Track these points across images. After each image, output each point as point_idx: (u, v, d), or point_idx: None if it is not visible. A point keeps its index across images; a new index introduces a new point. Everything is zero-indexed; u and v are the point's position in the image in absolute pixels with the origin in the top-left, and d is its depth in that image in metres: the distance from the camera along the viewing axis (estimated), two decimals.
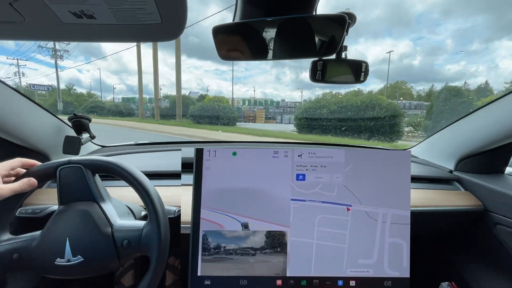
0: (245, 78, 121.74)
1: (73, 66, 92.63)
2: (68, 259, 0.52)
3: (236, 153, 0.63)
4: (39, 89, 35.02)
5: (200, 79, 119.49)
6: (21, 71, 36.73)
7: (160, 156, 1.20)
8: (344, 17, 0.51)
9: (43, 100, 32.98)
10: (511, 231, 0.82)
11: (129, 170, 0.58)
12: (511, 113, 0.81)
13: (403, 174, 0.64)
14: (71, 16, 0.39)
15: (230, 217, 0.62)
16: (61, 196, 0.57)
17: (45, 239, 0.55)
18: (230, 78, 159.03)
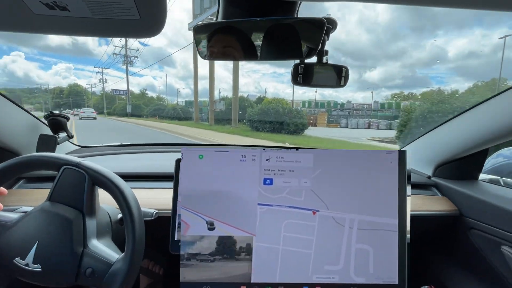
0: None
1: (137, 71, 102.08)
2: (27, 263, 0.50)
3: (202, 156, 0.62)
4: (119, 94, 40.81)
5: (258, 83, 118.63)
6: (105, 78, 43.57)
7: (147, 158, 1.18)
8: (323, 21, 0.52)
9: (123, 102, 34.52)
10: (484, 235, 0.85)
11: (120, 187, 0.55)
12: (484, 121, 0.84)
13: (386, 177, 0.63)
14: (43, 7, 0.38)
15: (197, 216, 0.61)
16: (52, 193, 0.56)
17: (16, 233, 0.53)
18: (287, 80, 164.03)
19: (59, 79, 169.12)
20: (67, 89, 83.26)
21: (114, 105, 41.76)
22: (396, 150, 0.64)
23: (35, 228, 0.53)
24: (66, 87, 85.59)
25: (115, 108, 39.22)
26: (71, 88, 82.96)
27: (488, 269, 0.86)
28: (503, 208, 0.79)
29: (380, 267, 0.61)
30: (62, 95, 79.56)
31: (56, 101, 77.82)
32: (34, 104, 63.18)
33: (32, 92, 74.51)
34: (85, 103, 73.91)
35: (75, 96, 78.13)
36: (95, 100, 64.86)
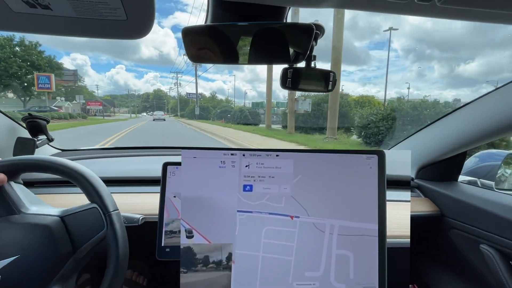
0: (376, 77, 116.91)
1: (209, 77, 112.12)
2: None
3: (181, 163, 0.61)
4: (192, 97, 42.82)
5: None
6: (180, 82, 49.55)
7: (132, 161, 1.15)
8: (312, 26, 0.53)
9: (194, 103, 33.96)
10: (464, 235, 0.88)
11: (77, 169, 0.55)
12: (463, 125, 0.88)
13: (365, 182, 0.63)
14: (23, 5, 0.36)
15: (180, 223, 0.60)
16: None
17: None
18: (358, 78, 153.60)
19: (148, 86, 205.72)
20: (152, 94, 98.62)
21: (187, 107, 43.95)
22: (375, 155, 0.64)
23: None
24: (151, 92, 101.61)
25: (187, 110, 41.08)
26: (155, 93, 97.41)
27: (468, 268, 0.90)
28: (481, 208, 0.82)
29: (360, 273, 0.61)
30: (148, 99, 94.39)
31: (144, 104, 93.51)
32: (129, 107, 76.70)
33: (129, 97, 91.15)
34: (165, 106, 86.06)
35: (158, 100, 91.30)
36: (173, 103, 71.60)
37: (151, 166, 1.03)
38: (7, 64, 25.12)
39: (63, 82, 35.30)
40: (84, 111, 37.93)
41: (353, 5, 0.43)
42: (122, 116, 47.34)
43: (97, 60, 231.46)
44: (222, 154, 0.61)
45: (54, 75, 26.04)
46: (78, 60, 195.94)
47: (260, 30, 0.55)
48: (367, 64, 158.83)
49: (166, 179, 0.73)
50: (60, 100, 34.10)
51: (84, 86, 57.33)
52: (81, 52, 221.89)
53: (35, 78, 24.65)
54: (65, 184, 0.92)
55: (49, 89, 25.34)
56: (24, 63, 26.22)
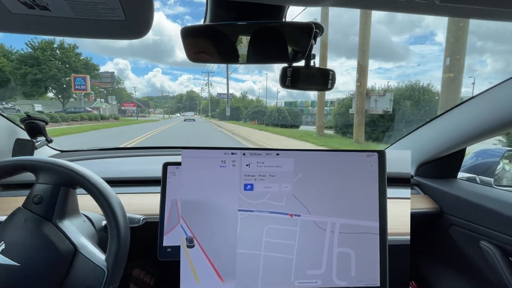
0: (415, 74, 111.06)
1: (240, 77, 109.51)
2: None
3: (181, 163, 0.60)
4: (223, 97, 43.96)
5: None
6: (211, 83, 51.50)
7: (132, 162, 1.14)
8: (311, 25, 0.53)
9: (225, 104, 33.11)
10: (464, 232, 0.88)
11: (86, 175, 0.54)
12: (462, 122, 0.88)
13: (366, 180, 0.63)
14: (21, 6, 0.36)
15: (180, 228, 0.60)
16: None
17: None
18: (395, 76, 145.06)
19: (182, 87, 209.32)
20: (185, 95, 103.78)
21: (218, 107, 43.27)
22: (375, 153, 0.64)
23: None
24: (184, 94, 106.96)
25: (217, 110, 39.97)
26: (188, 94, 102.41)
27: (468, 264, 0.90)
28: (480, 205, 0.82)
29: (362, 270, 0.61)
30: (182, 100, 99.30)
31: (177, 105, 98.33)
32: (164, 108, 79.87)
33: (164, 99, 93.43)
34: (197, 106, 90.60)
35: (190, 101, 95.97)
36: (204, 103, 73.88)
37: (151, 166, 1.03)
38: (47, 66, 25.55)
39: (101, 84, 35.75)
40: (120, 112, 38.26)
41: (352, 4, 0.43)
42: (155, 117, 47.25)
43: (137, 64, 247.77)
44: (222, 153, 0.61)
45: (89, 77, 26.29)
46: (120, 64, 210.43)
47: (259, 29, 0.55)
48: (406, 60, 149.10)
49: (167, 179, 0.73)
50: (99, 101, 34.49)
51: (123, 89, 60.42)
52: (123, 57, 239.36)
53: (72, 79, 24.97)
54: None
55: (84, 90, 25.54)
56: (63, 65, 26.74)
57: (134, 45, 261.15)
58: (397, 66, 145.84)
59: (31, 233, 0.51)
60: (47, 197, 0.54)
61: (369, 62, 7.97)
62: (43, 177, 0.54)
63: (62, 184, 0.55)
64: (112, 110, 33.25)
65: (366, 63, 8.11)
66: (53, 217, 0.53)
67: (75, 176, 0.54)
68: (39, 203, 0.53)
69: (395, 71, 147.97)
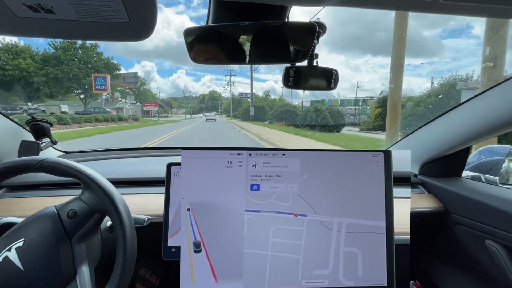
0: (449, 70, 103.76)
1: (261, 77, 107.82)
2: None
3: (187, 164, 0.60)
4: (245, 97, 45.72)
5: (386, 78, 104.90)
6: (233, 81, 52.86)
7: (136, 162, 1.15)
8: (314, 25, 0.53)
9: (248, 104, 32.24)
10: (469, 231, 0.88)
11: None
12: (467, 120, 0.88)
13: (372, 180, 0.63)
14: (26, 10, 0.36)
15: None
16: None
17: None
18: (426, 73, 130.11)
19: (205, 88, 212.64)
20: (207, 95, 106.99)
21: (240, 107, 42.60)
22: (381, 153, 0.64)
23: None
24: (207, 94, 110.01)
25: (239, 110, 38.64)
26: (210, 94, 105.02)
27: (473, 263, 0.90)
28: (486, 204, 0.82)
29: (369, 270, 0.61)
30: (204, 100, 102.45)
31: (200, 105, 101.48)
32: (187, 108, 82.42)
33: (187, 99, 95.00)
34: (219, 106, 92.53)
35: (212, 101, 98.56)
36: (226, 103, 74.22)
37: (155, 166, 1.03)
38: (68, 66, 25.40)
39: (124, 85, 35.63)
40: (143, 112, 38.17)
41: (355, 3, 0.43)
42: (177, 117, 46.60)
43: (162, 66, 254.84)
44: (228, 154, 0.61)
45: (110, 76, 26.07)
46: (146, 67, 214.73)
47: (261, 29, 0.55)
48: (438, 55, 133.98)
49: (170, 179, 0.73)
50: (123, 101, 34.20)
51: (148, 89, 61.48)
52: (149, 59, 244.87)
53: (92, 79, 24.64)
54: (70, 186, 0.92)
55: (105, 90, 25.28)
56: (84, 65, 26.51)
57: (159, 48, 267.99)
58: (428, 62, 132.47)
59: (49, 245, 0.51)
60: (80, 216, 0.54)
61: None
62: (88, 197, 0.55)
63: (98, 211, 0.55)
64: (135, 110, 33.02)
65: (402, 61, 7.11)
66: (74, 237, 0.53)
67: (110, 206, 0.54)
68: (72, 218, 0.53)
69: (425, 67, 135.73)
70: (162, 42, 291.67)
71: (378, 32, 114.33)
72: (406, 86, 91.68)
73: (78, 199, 0.55)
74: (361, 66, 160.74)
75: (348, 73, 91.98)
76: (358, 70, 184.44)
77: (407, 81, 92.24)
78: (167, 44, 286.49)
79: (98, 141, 9.63)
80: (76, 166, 0.55)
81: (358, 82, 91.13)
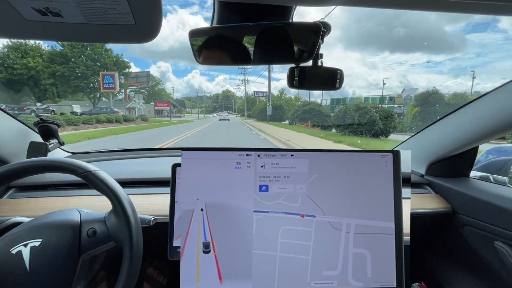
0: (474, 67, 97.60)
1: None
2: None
3: (197, 164, 0.61)
4: (260, 96, 45.19)
5: (404, 76, 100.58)
6: (247, 79, 53.78)
7: (142, 163, 1.16)
8: (319, 25, 0.53)
9: (263, 103, 30.70)
10: (478, 232, 0.86)
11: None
12: (475, 120, 0.86)
13: (381, 181, 0.63)
14: (34, 13, 0.37)
15: (196, 233, 0.60)
16: None
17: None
18: (448, 70, 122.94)
19: (219, 87, 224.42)
20: (221, 94, 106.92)
21: (254, 106, 41.21)
22: (390, 153, 0.64)
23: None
24: (221, 93, 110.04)
25: (254, 109, 36.66)
26: (224, 94, 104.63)
27: (482, 265, 0.88)
28: (495, 205, 0.80)
29: (378, 271, 0.61)
30: (218, 99, 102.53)
31: (213, 104, 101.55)
32: (201, 107, 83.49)
33: (202, 99, 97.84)
34: (233, 105, 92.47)
35: (226, 100, 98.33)
36: (240, 103, 74.13)
37: (162, 167, 1.04)
38: (76, 64, 24.42)
39: (137, 84, 34.87)
40: (156, 112, 37.52)
41: (360, 2, 0.42)
42: (190, 117, 45.21)
43: (177, 66, 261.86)
44: (237, 155, 0.61)
45: (117, 74, 24.91)
46: (162, 67, 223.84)
47: (266, 30, 0.55)
48: (461, 51, 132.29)
49: (176, 180, 0.74)
50: (133, 101, 32.89)
51: (163, 89, 61.08)
52: (165, 60, 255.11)
53: (100, 77, 23.56)
54: (78, 186, 0.93)
55: (113, 89, 24.22)
56: (92, 63, 25.41)
57: (174, 48, 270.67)
58: (450, 58, 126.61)
59: (60, 255, 0.52)
60: (98, 238, 0.54)
61: (416, 56, 7.05)
62: (112, 223, 0.55)
63: (115, 240, 0.54)
64: (148, 110, 32.05)
65: None
66: (83, 255, 0.53)
67: (127, 242, 0.53)
68: (90, 237, 0.54)
69: (447, 64, 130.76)
70: (177, 43, 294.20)
71: (397, 28, 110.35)
72: (426, 83, 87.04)
73: (102, 221, 0.55)
74: (378, 64, 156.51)
75: (365, 71, 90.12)
76: (375, 67, 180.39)
77: (427, 79, 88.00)
78: (182, 45, 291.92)
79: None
80: (117, 191, 0.54)
81: (384, 79, 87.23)
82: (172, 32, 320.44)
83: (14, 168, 0.53)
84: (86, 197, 0.88)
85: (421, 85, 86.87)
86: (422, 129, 1.09)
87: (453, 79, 75.37)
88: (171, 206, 0.73)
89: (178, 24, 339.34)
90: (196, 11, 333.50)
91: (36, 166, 0.54)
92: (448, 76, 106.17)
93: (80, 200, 0.87)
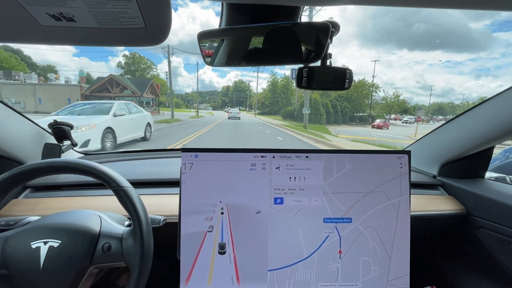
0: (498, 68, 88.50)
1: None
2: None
3: (209, 165, 0.61)
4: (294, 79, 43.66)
5: (421, 76, 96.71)
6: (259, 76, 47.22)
7: (152, 163, 1.18)
8: (328, 25, 0.52)
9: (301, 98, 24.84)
10: (493, 234, 0.84)
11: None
12: (490, 119, 0.84)
13: (398, 182, 0.62)
14: (49, 19, 0.38)
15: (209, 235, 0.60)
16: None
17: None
18: (469, 70, 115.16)
19: (230, 83, 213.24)
20: (232, 86, 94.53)
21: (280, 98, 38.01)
22: (405, 154, 0.63)
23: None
24: (231, 85, 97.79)
25: (284, 110, 31.61)
26: (235, 85, 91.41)
27: (497, 268, 0.86)
28: (511, 206, 0.78)
29: (395, 275, 0.61)
30: (228, 93, 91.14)
31: (223, 98, 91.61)
32: (211, 102, 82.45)
33: (212, 94, 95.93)
34: (247, 99, 79.58)
35: (238, 93, 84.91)
36: (260, 96, 57.75)
37: (172, 168, 1.05)
38: None
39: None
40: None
41: (367, 1, 0.42)
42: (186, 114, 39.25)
43: (188, 62, 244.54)
44: (252, 156, 0.61)
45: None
46: (174, 62, 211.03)
47: (274, 31, 0.55)
48: (485, 50, 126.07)
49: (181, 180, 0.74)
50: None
51: (157, 75, 51.45)
52: (176, 55, 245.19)
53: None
54: (92, 187, 0.95)
55: None
56: None
57: (184, 43, 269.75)
58: (472, 58, 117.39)
59: (72, 261, 0.52)
60: (111, 255, 0.54)
61: (436, 54, 7.05)
62: (128, 244, 0.54)
63: (126, 262, 0.55)
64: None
65: None
66: (92, 266, 0.54)
67: (137, 267, 0.53)
68: (104, 252, 0.54)
69: (468, 64, 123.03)
70: (187, 37, 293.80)
71: (416, 24, 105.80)
72: (445, 84, 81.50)
73: (119, 238, 0.55)
74: (394, 62, 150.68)
75: (380, 69, 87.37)
76: (390, 66, 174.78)
77: (446, 79, 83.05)
78: (192, 38, 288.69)
79: None
80: (141, 215, 0.55)
81: (431, 86, 78.28)
82: (183, 26, 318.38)
83: (62, 165, 0.55)
84: (100, 197, 0.90)
85: (439, 85, 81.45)
86: (435, 129, 1.06)
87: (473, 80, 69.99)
88: (180, 206, 0.74)
89: (188, 18, 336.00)
90: (207, 5, 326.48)
91: (77, 169, 0.56)
92: (468, 77, 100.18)
93: (96, 200, 0.89)
